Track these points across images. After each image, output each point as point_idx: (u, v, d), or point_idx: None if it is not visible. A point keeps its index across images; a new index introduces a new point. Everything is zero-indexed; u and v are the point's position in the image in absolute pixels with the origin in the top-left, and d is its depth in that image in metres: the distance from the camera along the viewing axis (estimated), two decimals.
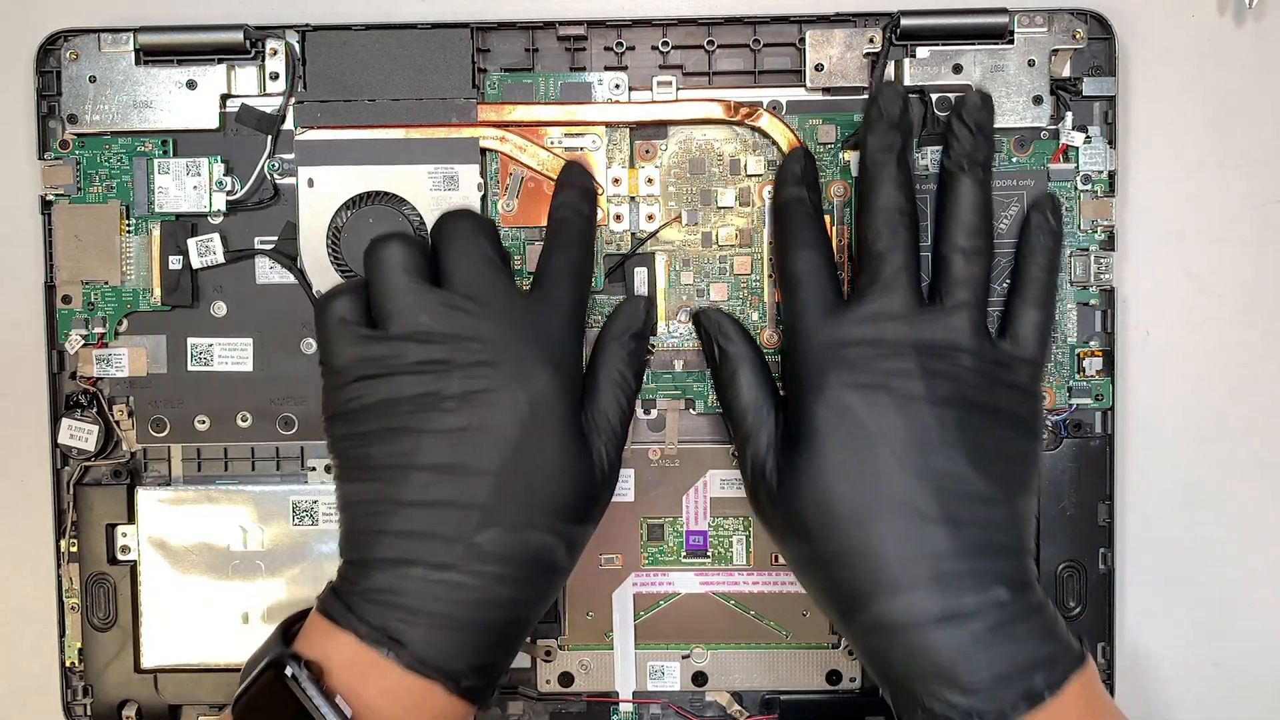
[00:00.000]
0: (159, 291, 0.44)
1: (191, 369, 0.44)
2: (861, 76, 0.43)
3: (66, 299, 0.44)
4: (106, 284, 0.44)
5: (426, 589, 0.34)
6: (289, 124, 0.44)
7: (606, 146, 0.44)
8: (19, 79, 0.44)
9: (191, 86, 0.44)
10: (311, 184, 0.43)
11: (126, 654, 0.44)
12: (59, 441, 0.44)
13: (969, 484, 0.36)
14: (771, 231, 0.43)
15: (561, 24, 0.44)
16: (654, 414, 0.44)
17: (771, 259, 0.43)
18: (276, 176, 0.44)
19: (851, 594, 0.36)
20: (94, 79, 0.43)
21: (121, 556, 0.44)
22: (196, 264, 0.44)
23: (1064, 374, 0.44)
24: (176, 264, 0.44)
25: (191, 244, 0.44)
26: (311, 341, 0.44)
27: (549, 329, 0.37)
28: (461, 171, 0.43)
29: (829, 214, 0.43)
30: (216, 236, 0.44)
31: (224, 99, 0.44)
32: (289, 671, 0.34)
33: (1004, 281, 0.42)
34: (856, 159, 0.43)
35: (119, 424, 0.44)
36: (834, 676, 0.44)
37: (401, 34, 0.43)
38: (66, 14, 0.44)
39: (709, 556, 0.44)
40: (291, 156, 0.44)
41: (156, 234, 0.44)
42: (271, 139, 0.44)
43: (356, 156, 0.43)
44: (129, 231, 0.44)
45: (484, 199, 0.43)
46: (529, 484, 0.36)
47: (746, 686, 0.45)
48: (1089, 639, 0.44)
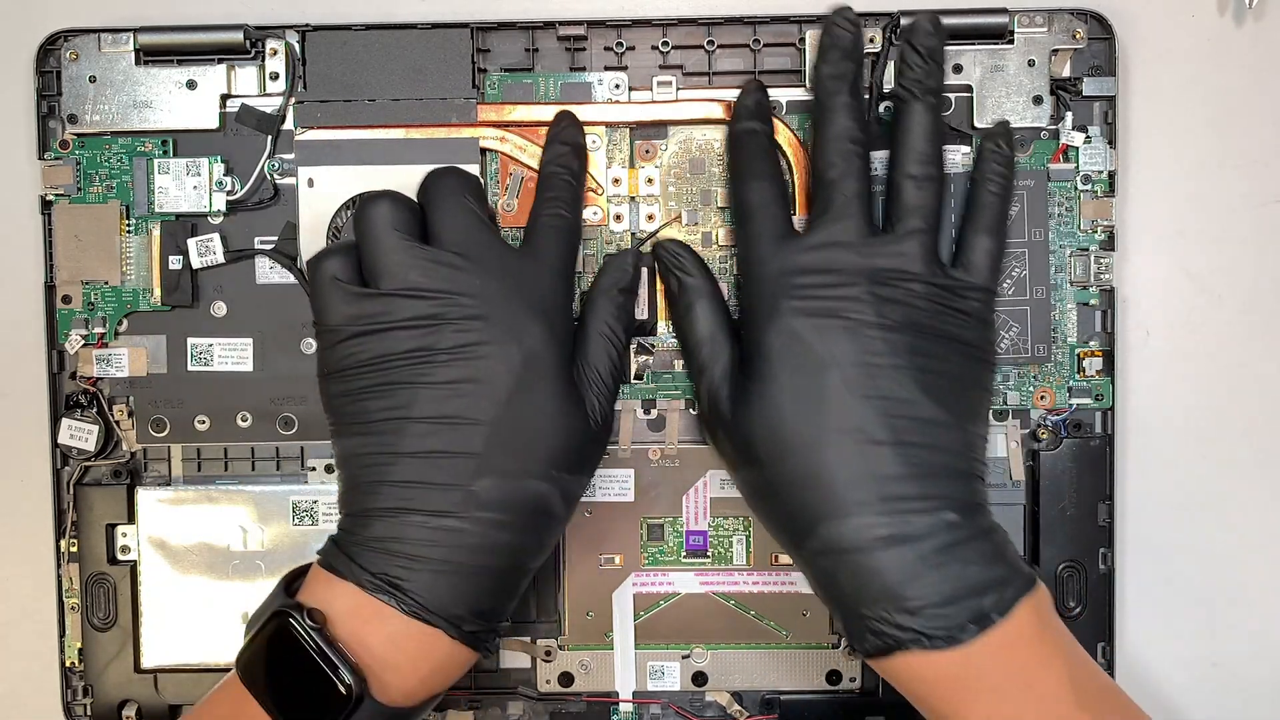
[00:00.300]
0: (159, 291, 0.44)
1: (191, 369, 0.44)
2: (861, 76, 0.43)
3: (66, 299, 0.44)
4: (106, 284, 0.44)
5: (426, 535, 0.35)
6: (289, 124, 0.44)
7: (606, 146, 0.44)
8: (19, 79, 0.44)
9: (191, 86, 0.44)
10: (311, 184, 0.43)
11: (126, 654, 0.44)
12: (59, 441, 0.44)
13: (918, 408, 0.36)
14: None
15: (561, 24, 0.44)
16: (654, 414, 0.44)
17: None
18: (276, 176, 0.44)
19: (801, 518, 0.37)
20: (94, 79, 0.43)
21: (121, 556, 0.44)
22: (196, 264, 0.44)
23: (1064, 374, 0.44)
24: (176, 264, 0.44)
25: (191, 244, 0.44)
26: (312, 342, 0.44)
27: (538, 282, 0.38)
28: None
29: None
30: (216, 236, 0.44)
31: (224, 99, 0.44)
32: (293, 622, 0.34)
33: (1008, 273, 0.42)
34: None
35: (119, 424, 0.44)
36: (834, 676, 0.44)
37: (401, 34, 0.43)
38: (66, 14, 0.44)
39: (709, 556, 0.44)
40: (291, 156, 0.44)
41: (156, 234, 0.44)
42: (271, 139, 0.44)
43: (356, 156, 0.43)
44: (129, 231, 0.44)
45: (493, 199, 0.43)
46: (523, 433, 0.36)
47: (746, 686, 0.45)
48: (1089, 639, 0.44)
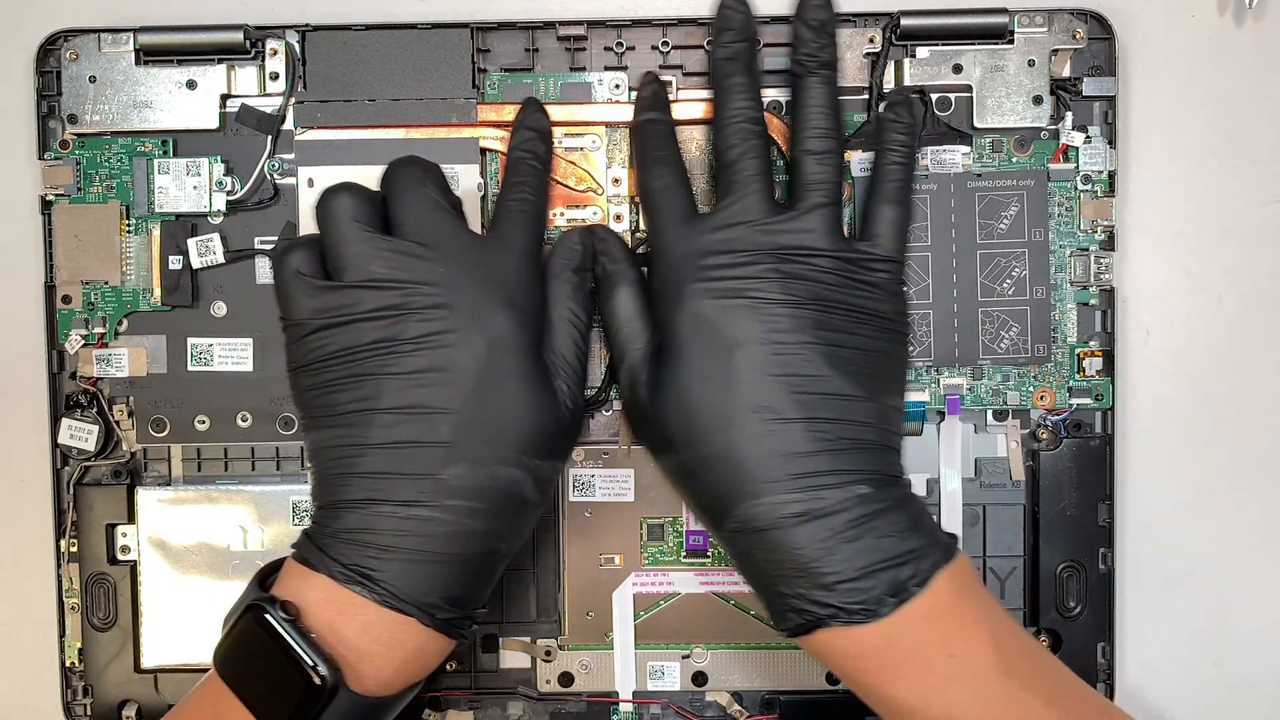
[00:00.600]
0: (159, 291, 0.44)
1: (191, 369, 0.44)
2: (861, 76, 0.43)
3: (66, 299, 0.44)
4: (106, 284, 0.44)
5: (396, 525, 0.35)
6: (289, 124, 0.44)
7: (606, 146, 0.44)
8: (19, 79, 0.45)
9: (191, 86, 0.44)
10: (311, 184, 0.43)
11: (126, 654, 0.44)
12: (59, 441, 0.44)
13: (827, 384, 0.36)
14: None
15: (561, 24, 0.44)
16: None
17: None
18: (276, 176, 0.44)
19: (718, 500, 0.37)
20: (94, 79, 0.43)
21: (121, 556, 0.44)
22: (196, 264, 0.44)
23: (1064, 374, 0.44)
24: (176, 264, 0.44)
25: (191, 244, 0.44)
26: None
27: (503, 268, 0.38)
28: (461, 171, 0.43)
29: None
30: (216, 236, 0.44)
31: (224, 99, 0.44)
32: (267, 615, 0.34)
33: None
34: (856, 159, 0.43)
35: (119, 424, 0.44)
36: (834, 677, 0.44)
37: (401, 34, 0.43)
38: (66, 14, 0.44)
39: (709, 556, 0.44)
40: (291, 156, 0.44)
41: (156, 234, 0.44)
42: (271, 139, 0.44)
43: (356, 156, 0.43)
44: (129, 231, 0.44)
45: (484, 199, 0.43)
46: (492, 420, 0.36)
47: (746, 686, 0.45)
48: (1089, 639, 0.44)
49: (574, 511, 0.44)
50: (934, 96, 0.43)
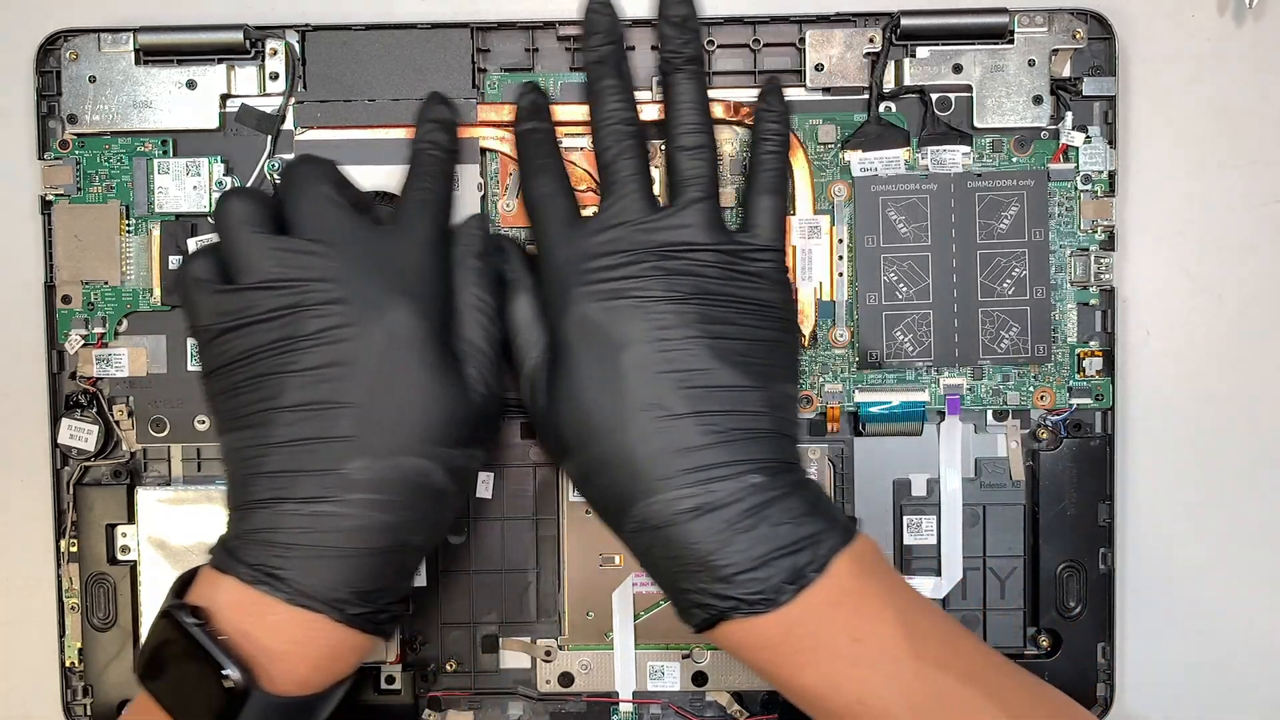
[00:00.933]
0: (159, 291, 0.44)
1: (191, 369, 0.44)
2: (861, 76, 0.43)
3: (66, 299, 0.44)
4: (106, 284, 0.44)
5: (300, 523, 0.35)
6: (289, 124, 0.44)
7: None
8: (19, 79, 0.44)
9: (191, 86, 0.44)
10: None
11: (126, 654, 0.44)
12: (59, 441, 0.44)
13: (714, 376, 0.37)
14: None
15: (561, 24, 0.44)
16: None
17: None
18: (276, 176, 0.44)
19: (616, 501, 0.37)
20: (94, 79, 0.43)
21: (121, 556, 0.44)
22: None
23: (1064, 374, 0.44)
24: (176, 264, 0.44)
25: (191, 244, 0.44)
26: None
27: (402, 259, 0.38)
28: (461, 171, 0.43)
29: (829, 213, 0.44)
30: (216, 237, 0.44)
31: (224, 99, 0.44)
32: (178, 621, 0.35)
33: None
34: (856, 159, 0.43)
35: (119, 424, 0.44)
36: None
37: (401, 34, 0.43)
38: (66, 14, 0.44)
39: None
40: (291, 156, 0.44)
41: (156, 234, 0.44)
42: (271, 139, 0.44)
43: (356, 156, 0.43)
44: (129, 231, 0.44)
45: (484, 199, 0.43)
46: (394, 411, 0.36)
47: (746, 686, 0.45)
48: (1089, 639, 0.44)
49: (574, 511, 0.44)
50: (934, 96, 0.43)
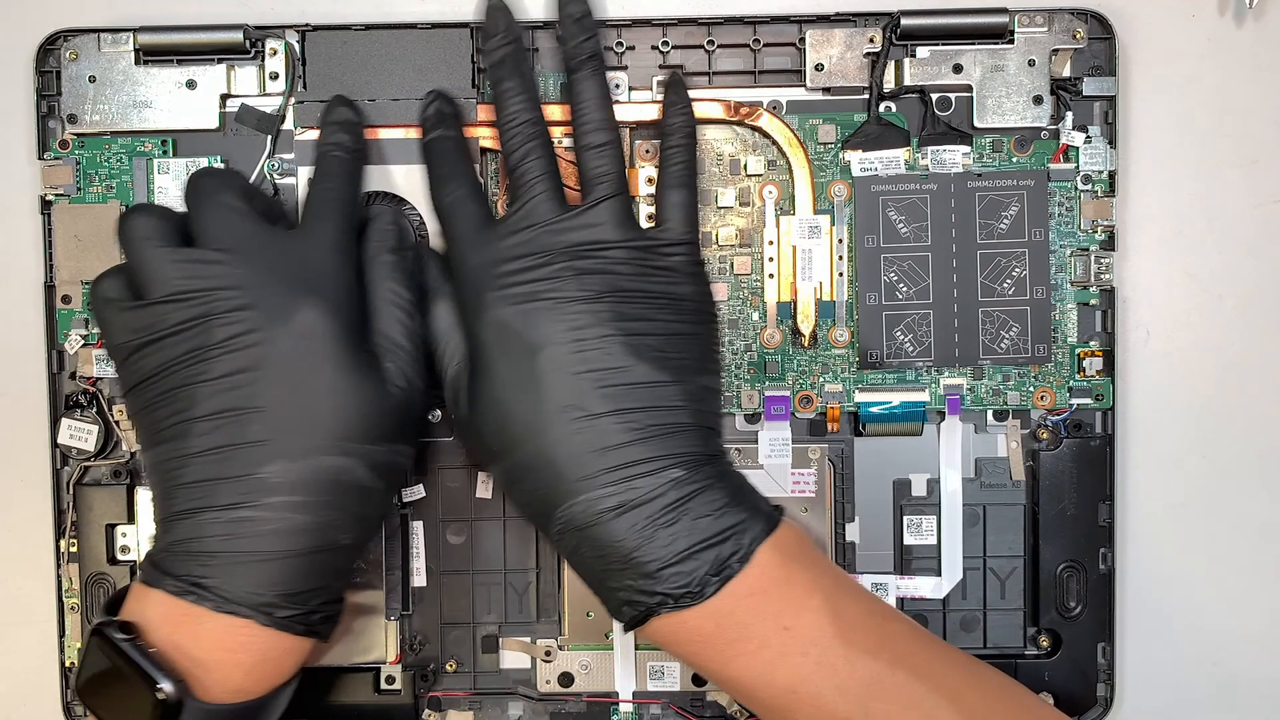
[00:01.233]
0: None
1: None
2: (861, 76, 0.43)
3: (66, 299, 0.44)
4: None
5: (221, 530, 0.35)
6: (289, 124, 0.44)
7: None
8: (19, 79, 0.44)
9: (191, 86, 0.44)
10: None
11: None
12: (59, 441, 0.44)
13: (631, 373, 0.37)
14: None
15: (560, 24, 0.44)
16: None
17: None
18: (276, 176, 0.44)
19: (541, 504, 0.37)
20: (94, 79, 0.43)
21: (121, 556, 0.44)
22: None
23: (1064, 374, 0.44)
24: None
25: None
26: None
27: (308, 261, 0.38)
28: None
29: (829, 213, 0.44)
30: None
31: (224, 99, 0.44)
32: (108, 637, 0.35)
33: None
34: (856, 159, 0.43)
35: (119, 424, 0.44)
36: None
37: (401, 34, 0.43)
38: (66, 14, 0.44)
39: None
40: (291, 156, 0.44)
41: None
42: (271, 139, 0.44)
43: None
44: None
45: None
46: (307, 412, 0.36)
47: None
48: (1089, 639, 0.44)
49: None
50: (934, 96, 0.43)
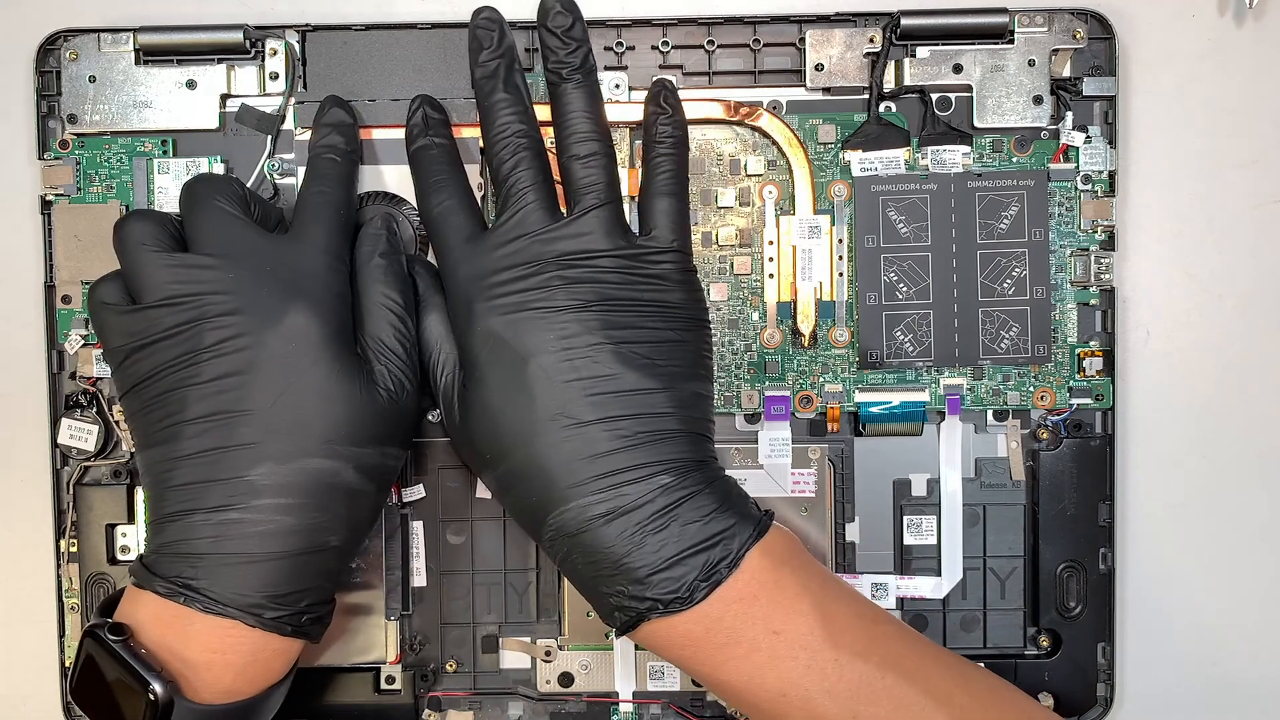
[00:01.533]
0: None
1: None
2: (861, 76, 0.43)
3: (66, 299, 0.44)
4: None
5: (210, 531, 0.36)
6: (289, 124, 0.44)
7: None
8: (19, 79, 0.44)
9: (191, 86, 0.44)
10: None
11: None
12: (59, 441, 0.44)
13: (620, 381, 0.37)
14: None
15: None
16: None
17: None
18: (276, 176, 0.44)
19: (533, 511, 0.37)
20: (94, 79, 0.43)
21: (121, 556, 0.44)
22: None
23: (1064, 374, 0.44)
24: None
25: None
26: None
27: (299, 265, 0.38)
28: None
29: (829, 213, 0.44)
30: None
31: (224, 99, 0.44)
32: (100, 638, 0.35)
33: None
34: (856, 159, 0.43)
35: (119, 424, 0.44)
36: None
37: (401, 34, 0.43)
38: (66, 14, 0.44)
39: None
40: (291, 156, 0.44)
41: None
42: (271, 139, 0.44)
43: None
44: None
45: (484, 199, 0.43)
46: (296, 414, 0.36)
47: None
48: (1089, 639, 0.44)
49: None
50: (934, 96, 0.43)
